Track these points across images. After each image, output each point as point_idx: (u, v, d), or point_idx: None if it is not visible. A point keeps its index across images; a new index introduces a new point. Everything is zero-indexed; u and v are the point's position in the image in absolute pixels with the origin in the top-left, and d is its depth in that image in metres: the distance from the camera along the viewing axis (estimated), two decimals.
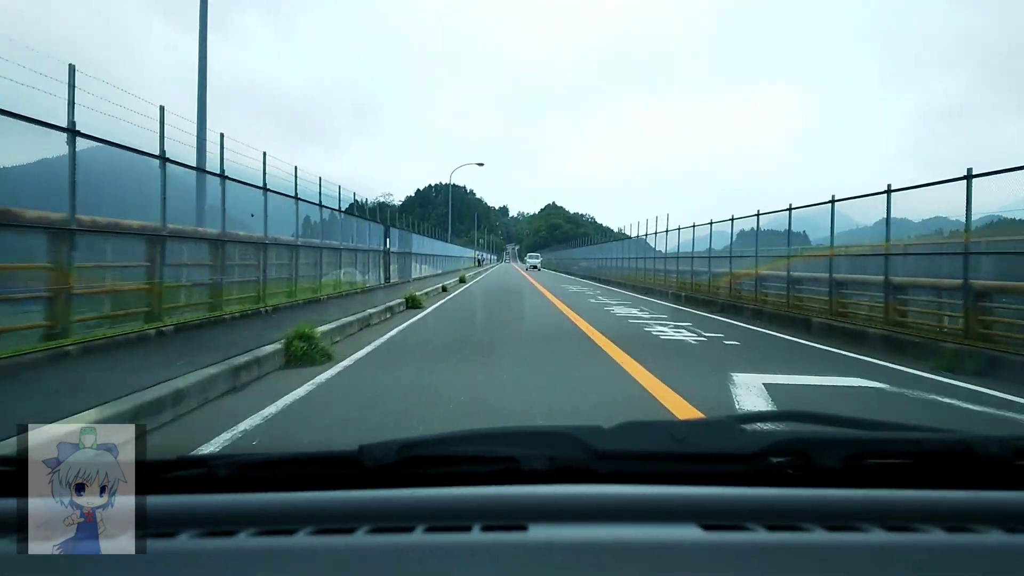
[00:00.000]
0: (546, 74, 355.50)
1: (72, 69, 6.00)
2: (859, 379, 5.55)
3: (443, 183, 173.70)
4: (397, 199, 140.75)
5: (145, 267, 6.99)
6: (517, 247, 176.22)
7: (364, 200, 19.99)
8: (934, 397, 4.96)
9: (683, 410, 4.20)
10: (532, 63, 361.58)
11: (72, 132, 5.79)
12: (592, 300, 15.73)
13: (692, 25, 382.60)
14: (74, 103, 5.94)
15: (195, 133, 9.14)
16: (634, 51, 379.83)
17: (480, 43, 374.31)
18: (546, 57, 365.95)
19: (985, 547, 0.69)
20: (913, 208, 8.75)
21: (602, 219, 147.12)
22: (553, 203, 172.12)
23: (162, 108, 7.44)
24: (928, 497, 0.79)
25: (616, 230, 48.95)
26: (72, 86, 5.93)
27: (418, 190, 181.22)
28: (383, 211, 23.50)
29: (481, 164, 46.90)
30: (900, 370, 6.20)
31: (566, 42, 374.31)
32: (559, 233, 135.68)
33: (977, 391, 5.25)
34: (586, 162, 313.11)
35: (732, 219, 14.90)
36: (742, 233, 15.22)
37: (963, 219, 7.30)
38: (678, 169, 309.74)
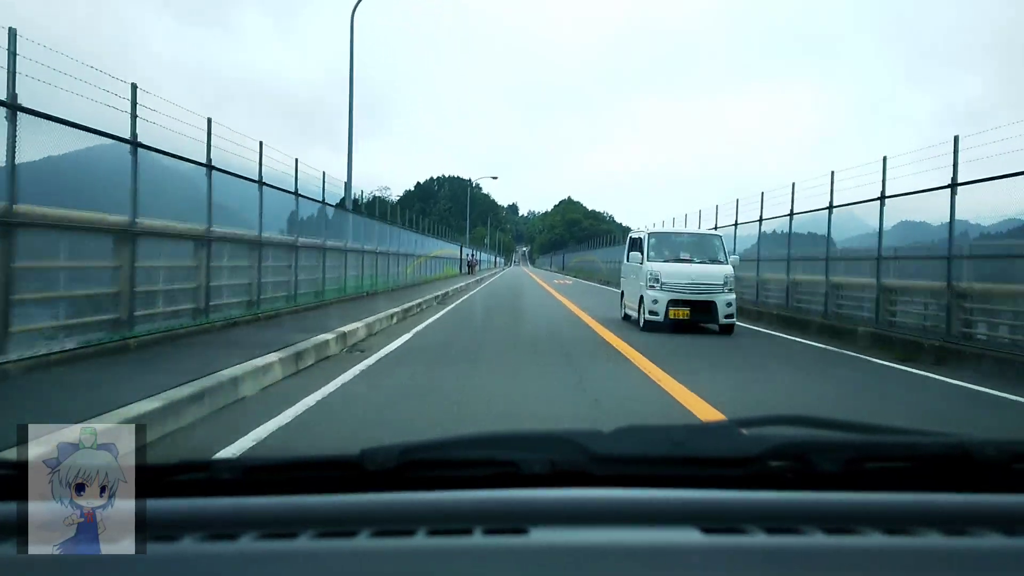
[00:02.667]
0: (557, 72, 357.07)
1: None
2: None
3: (445, 175, 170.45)
4: (395, 194, 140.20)
5: None
6: (528, 248, 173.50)
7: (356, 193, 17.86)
8: None
9: None
10: (543, 60, 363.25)
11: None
12: None
13: (707, 22, 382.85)
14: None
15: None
16: (648, 49, 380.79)
17: (489, 40, 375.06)
18: (558, 54, 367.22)
19: (983, 550, 0.75)
20: (933, 212, 9.42)
21: (619, 218, 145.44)
22: (569, 198, 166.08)
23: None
24: (926, 500, 0.85)
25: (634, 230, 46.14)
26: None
27: (418, 183, 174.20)
28: (379, 207, 21.43)
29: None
30: None
31: (578, 39, 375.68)
32: (578, 230, 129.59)
33: None
34: (598, 161, 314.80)
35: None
36: (769, 235, 15.64)
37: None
38: (690, 168, 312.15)
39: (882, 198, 10.35)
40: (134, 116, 7.05)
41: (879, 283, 10.36)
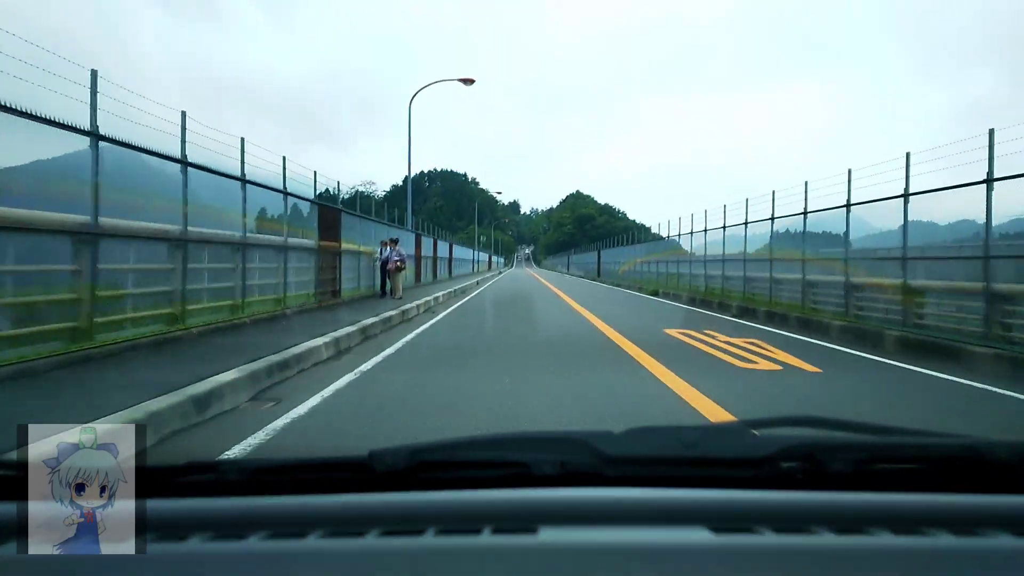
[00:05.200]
0: (560, 69, 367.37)
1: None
2: None
3: (437, 169, 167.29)
4: (383, 189, 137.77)
5: None
6: (532, 248, 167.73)
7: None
8: None
9: None
10: (548, 57, 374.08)
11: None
12: None
13: (712, 21, 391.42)
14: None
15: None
16: (653, 47, 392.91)
17: (493, 35, 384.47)
18: (562, 51, 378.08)
19: (993, 551, 0.80)
20: (937, 212, 9.74)
21: (631, 215, 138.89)
22: (578, 192, 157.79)
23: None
24: (937, 501, 0.90)
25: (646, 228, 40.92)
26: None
27: (407, 177, 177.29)
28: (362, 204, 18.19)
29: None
30: None
31: (582, 36, 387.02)
32: (591, 227, 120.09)
33: None
34: (601, 160, 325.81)
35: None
36: (781, 234, 15.94)
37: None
38: (695, 167, 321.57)
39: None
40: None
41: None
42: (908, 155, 10.48)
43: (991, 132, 8.69)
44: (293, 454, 1.01)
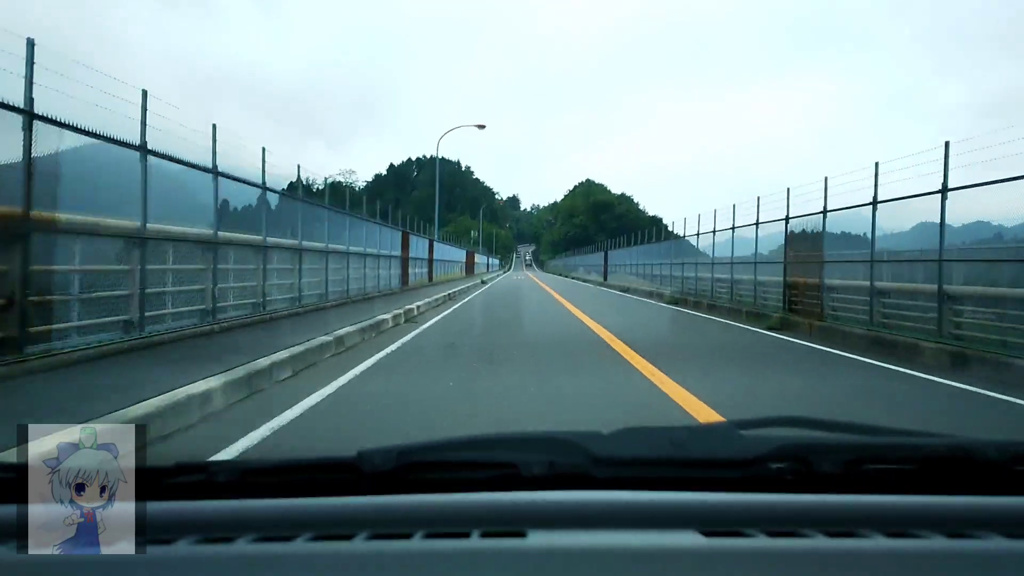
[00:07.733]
0: (562, 64, 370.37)
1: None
2: None
3: (427, 156, 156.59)
4: (364, 178, 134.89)
5: None
6: (533, 248, 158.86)
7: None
8: None
9: None
10: (547, 52, 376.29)
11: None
12: None
13: (721, 14, 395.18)
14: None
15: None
16: (657, 43, 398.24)
17: (491, 27, 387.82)
18: (562, 46, 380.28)
19: (984, 552, 0.85)
20: (953, 213, 9.67)
21: (644, 208, 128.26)
22: (589, 180, 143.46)
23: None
24: (927, 503, 0.94)
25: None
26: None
27: (392, 165, 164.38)
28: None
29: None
30: None
31: (586, 29, 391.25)
32: (609, 218, 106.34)
33: None
34: (605, 159, 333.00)
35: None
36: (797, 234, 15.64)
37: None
38: (697, 164, 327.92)
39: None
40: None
41: None
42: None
43: None
44: (283, 455, 1.04)
